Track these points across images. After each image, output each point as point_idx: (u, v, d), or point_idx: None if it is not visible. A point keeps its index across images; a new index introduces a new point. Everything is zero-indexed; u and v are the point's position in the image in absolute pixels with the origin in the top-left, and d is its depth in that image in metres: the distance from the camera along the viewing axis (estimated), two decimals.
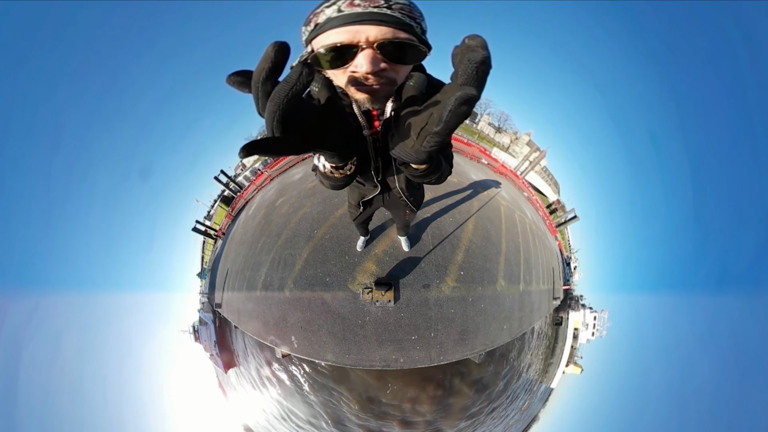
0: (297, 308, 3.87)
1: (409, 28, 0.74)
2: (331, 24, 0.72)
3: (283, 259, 4.25)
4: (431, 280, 3.81)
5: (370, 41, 0.71)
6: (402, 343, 3.63)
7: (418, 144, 0.69)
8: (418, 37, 0.76)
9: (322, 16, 0.73)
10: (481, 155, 9.02)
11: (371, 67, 0.73)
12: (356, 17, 0.70)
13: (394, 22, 0.72)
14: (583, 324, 11.81)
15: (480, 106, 22.79)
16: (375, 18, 0.71)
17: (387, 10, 0.72)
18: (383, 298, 3.62)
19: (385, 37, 0.72)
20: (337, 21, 0.71)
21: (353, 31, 0.71)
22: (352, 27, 0.71)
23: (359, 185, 1.54)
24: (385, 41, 0.72)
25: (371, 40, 0.71)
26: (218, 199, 15.81)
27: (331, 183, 1.07)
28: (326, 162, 1.02)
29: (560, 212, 15.01)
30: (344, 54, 0.73)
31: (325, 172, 1.06)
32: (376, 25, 0.71)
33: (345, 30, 0.71)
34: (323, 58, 0.73)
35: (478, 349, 3.88)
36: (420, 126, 0.67)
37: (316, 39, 0.76)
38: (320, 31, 0.74)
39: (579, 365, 12.41)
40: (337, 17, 0.71)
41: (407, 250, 3.90)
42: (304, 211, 4.74)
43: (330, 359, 3.68)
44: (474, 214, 4.76)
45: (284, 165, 8.34)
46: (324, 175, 1.08)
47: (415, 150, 0.71)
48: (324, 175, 1.08)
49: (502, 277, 4.33)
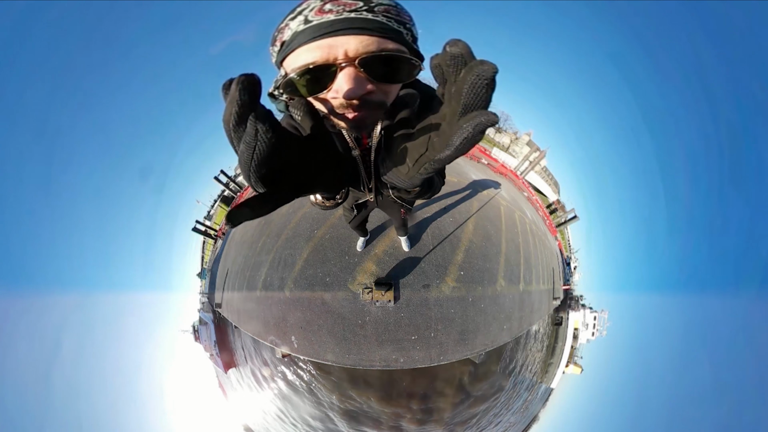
0: (297, 308, 3.87)
1: (398, 35, 0.59)
2: (299, 40, 0.57)
3: (283, 259, 4.26)
4: (431, 280, 3.81)
5: (349, 57, 0.56)
6: (402, 343, 3.63)
7: (414, 171, 0.60)
8: (409, 47, 0.62)
9: (288, 32, 0.59)
10: (481, 155, 9.02)
11: (354, 90, 0.58)
12: (328, 27, 0.55)
13: (378, 29, 0.57)
14: (583, 324, 11.82)
15: None
16: (354, 26, 0.56)
17: (368, 14, 0.57)
18: (383, 298, 3.62)
19: (367, 50, 0.57)
20: (305, 35, 0.57)
21: (327, 46, 0.56)
22: (324, 41, 0.56)
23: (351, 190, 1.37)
24: (368, 55, 0.56)
25: (351, 55, 0.56)
26: (218, 199, 15.81)
27: (321, 209, 1.04)
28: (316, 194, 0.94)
29: (560, 212, 15.01)
30: (321, 76, 0.58)
31: (316, 202, 1.03)
32: (355, 34, 0.56)
33: (316, 45, 0.56)
34: (298, 84, 0.59)
35: (478, 349, 3.88)
36: (418, 152, 0.57)
37: (287, 60, 0.62)
38: (288, 50, 0.60)
39: (579, 365, 12.42)
40: (304, 30, 0.57)
41: (407, 250, 3.89)
42: (304, 211, 4.75)
43: (330, 359, 3.68)
44: (474, 214, 4.76)
45: None
46: (314, 204, 1.05)
47: (410, 177, 0.63)
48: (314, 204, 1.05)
49: (502, 277, 4.33)
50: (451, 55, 0.42)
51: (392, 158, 0.65)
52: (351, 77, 0.57)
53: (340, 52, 0.56)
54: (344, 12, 0.56)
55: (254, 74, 0.40)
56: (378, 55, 0.57)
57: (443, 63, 0.44)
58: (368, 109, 0.63)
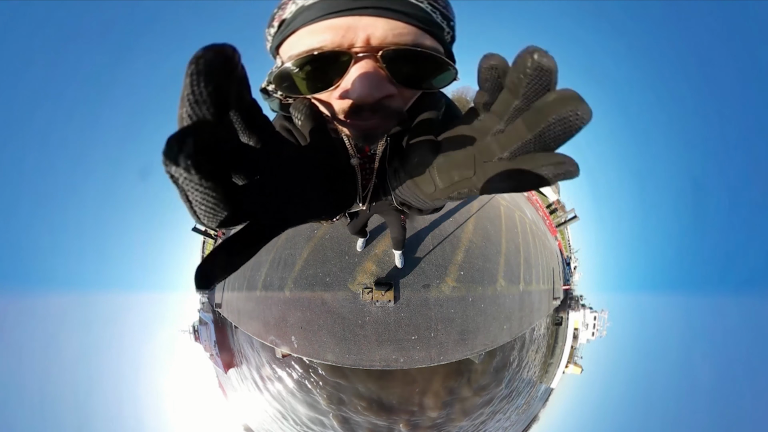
0: (297, 308, 3.87)
1: (439, 31, 0.44)
2: (304, 17, 0.41)
3: (283, 259, 4.26)
4: (431, 280, 3.81)
5: (372, 46, 0.41)
6: (402, 343, 3.63)
7: (444, 193, 0.45)
8: (447, 50, 0.48)
9: (291, 6, 0.43)
10: None
11: (370, 90, 0.41)
12: (349, 3, 0.39)
13: (419, 17, 0.41)
14: (583, 324, 11.82)
15: None
16: (386, 5, 0.39)
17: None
18: (383, 298, 3.62)
19: (398, 42, 0.41)
20: (314, 11, 0.40)
21: (343, 27, 0.40)
22: (340, 20, 0.40)
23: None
24: (398, 48, 0.41)
25: (374, 43, 0.41)
26: None
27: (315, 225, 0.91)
28: None
29: (560, 212, 15.00)
30: (328, 68, 0.42)
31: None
32: (386, 17, 0.39)
33: (327, 25, 0.40)
34: (297, 77, 0.44)
35: (478, 349, 3.88)
36: (459, 174, 0.42)
37: (284, 44, 0.46)
38: (288, 30, 0.44)
39: (579, 365, 12.42)
40: (314, 4, 0.40)
41: (400, 267, 3.76)
42: None
43: (330, 359, 3.68)
44: (474, 214, 4.76)
45: None
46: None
47: (435, 198, 0.47)
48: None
49: (502, 277, 4.34)
50: (538, 67, 0.29)
51: (411, 172, 0.49)
52: (368, 73, 0.41)
53: (361, 37, 0.40)
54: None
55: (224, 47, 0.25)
56: (411, 50, 0.41)
57: (517, 72, 0.30)
58: (382, 118, 0.46)
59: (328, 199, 0.43)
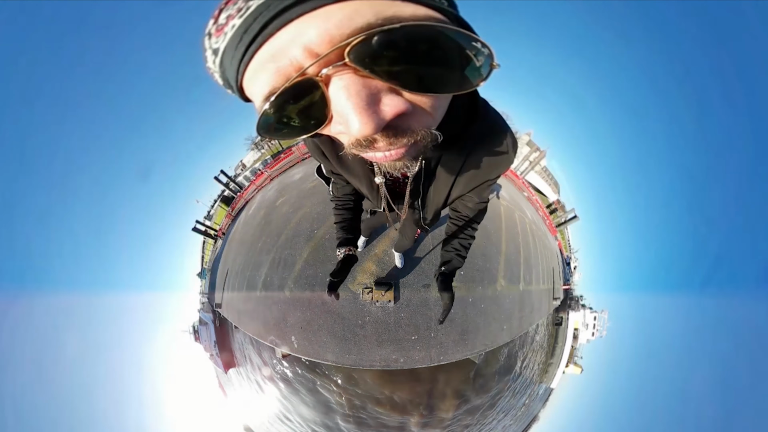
0: (297, 308, 3.87)
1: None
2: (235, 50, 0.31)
3: (283, 259, 4.26)
4: (431, 280, 3.81)
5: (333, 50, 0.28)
6: (402, 343, 3.63)
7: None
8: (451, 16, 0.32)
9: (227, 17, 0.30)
10: None
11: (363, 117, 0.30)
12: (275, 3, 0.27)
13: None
14: (583, 324, 11.82)
15: None
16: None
17: None
18: (383, 298, 3.62)
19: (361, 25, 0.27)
20: (238, 38, 0.30)
21: (283, 46, 0.29)
22: (276, 39, 0.29)
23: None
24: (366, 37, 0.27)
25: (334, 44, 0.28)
26: (218, 199, 15.82)
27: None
28: None
29: (560, 212, 15.00)
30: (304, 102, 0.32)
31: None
32: (326, 4, 0.27)
33: (268, 52, 0.30)
34: (280, 124, 0.35)
35: (478, 349, 3.88)
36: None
37: (245, 82, 0.34)
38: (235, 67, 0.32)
39: (579, 365, 12.42)
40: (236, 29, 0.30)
41: (400, 267, 3.78)
42: (304, 211, 4.75)
43: (330, 359, 3.68)
44: None
45: (284, 165, 8.34)
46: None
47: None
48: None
49: (502, 277, 4.34)
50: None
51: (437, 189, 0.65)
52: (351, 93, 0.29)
53: (312, 46, 0.28)
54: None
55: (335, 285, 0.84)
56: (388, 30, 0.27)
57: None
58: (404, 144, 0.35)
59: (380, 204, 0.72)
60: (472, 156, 0.68)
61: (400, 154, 0.36)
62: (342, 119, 0.31)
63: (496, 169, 0.73)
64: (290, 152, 8.72)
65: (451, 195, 0.81)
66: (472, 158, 0.69)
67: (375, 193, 0.83)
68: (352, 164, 0.75)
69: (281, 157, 9.03)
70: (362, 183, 0.80)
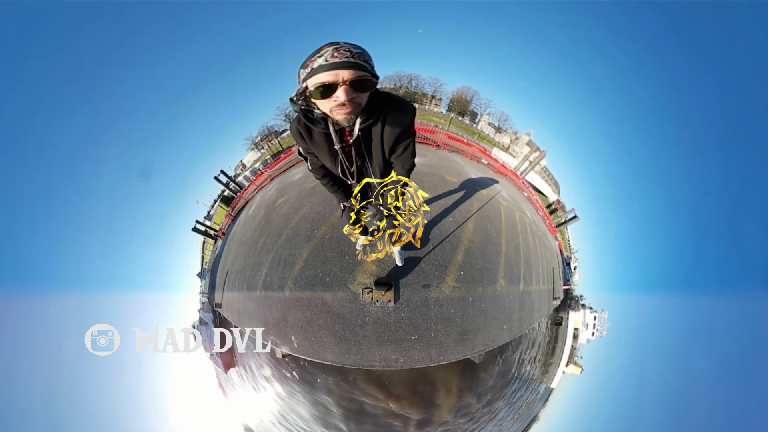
0: (297, 308, 3.87)
1: (365, 68, 1.17)
2: (321, 69, 1.13)
3: (283, 259, 4.25)
4: (431, 280, 3.81)
5: (345, 80, 1.14)
6: (402, 343, 3.63)
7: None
8: (371, 73, 1.20)
9: (318, 61, 1.13)
10: (481, 155, 9.01)
11: (347, 96, 1.17)
12: (338, 65, 1.12)
13: (356, 66, 1.14)
14: (583, 324, 11.81)
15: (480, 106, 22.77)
16: (347, 65, 1.12)
17: (352, 59, 1.13)
18: (383, 298, 3.62)
19: (352, 77, 1.14)
20: (324, 67, 1.13)
21: (334, 74, 1.13)
22: (334, 71, 1.12)
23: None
24: (353, 79, 1.15)
25: (346, 78, 1.14)
26: (218, 199, 15.81)
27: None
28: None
29: (560, 212, 15.00)
30: (329, 89, 1.16)
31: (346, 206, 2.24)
32: (348, 69, 1.13)
33: (329, 73, 1.13)
34: (315, 92, 1.17)
35: (478, 349, 3.88)
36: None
37: (311, 79, 1.16)
38: (313, 74, 1.15)
39: (579, 365, 12.41)
40: (324, 65, 1.12)
41: (400, 264, 3.79)
42: (304, 211, 4.75)
43: (330, 359, 3.68)
44: (474, 214, 4.76)
45: (284, 165, 8.34)
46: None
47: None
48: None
49: (502, 277, 4.33)
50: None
51: (383, 174, 1.72)
52: (345, 90, 1.17)
53: (341, 77, 1.15)
54: (343, 58, 1.12)
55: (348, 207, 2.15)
56: (358, 79, 1.16)
57: None
58: (353, 107, 1.23)
59: (337, 166, 1.66)
60: (386, 116, 1.45)
61: (351, 110, 1.25)
62: (338, 96, 1.19)
63: (402, 117, 1.47)
64: (290, 152, 8.72)
65: (384, 147, 1.57)
66: (387, 117, 1.45)
67: (334, 159, 1.62)
68: (318, 140, 1.53)
69: (281, 157, 9.03)
70: (324, 152, 1.58)
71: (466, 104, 22.78)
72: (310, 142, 1.55)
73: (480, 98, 22.82)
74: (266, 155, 16.57)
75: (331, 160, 1.63)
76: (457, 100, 22.82)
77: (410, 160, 1.68)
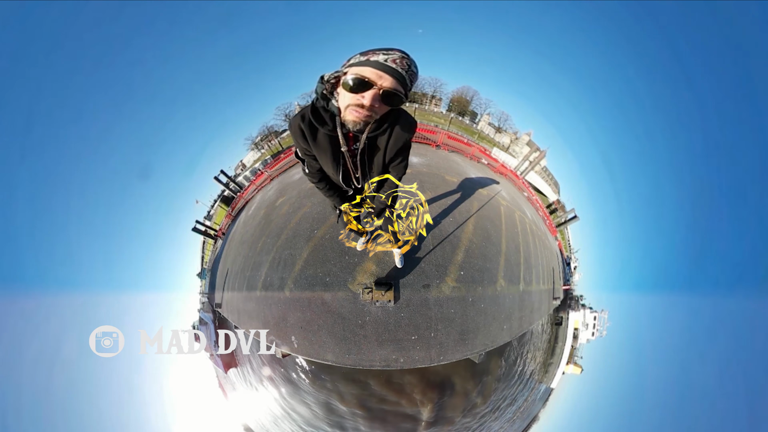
0: (297, 308, 3.87)
1: (405, 88, 1.16)
2: (372, 64, 1.10)
3: (283, 259, 4.25)
4: (431, 280, 3.81)
5: (383, 86, 1.11)
6: (402, 343, 3.63)
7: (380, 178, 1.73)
8: (405, 94, 1.18)
9: (374, 57, 1.10)
10: (481, 155, 9.01)
11: (371, 102, 1.14)
12: (389, 70, 1.09)
13: (401, 82, 1.12)
14: (583, 324, 11.80)
15: (480, 106, 22.77)
16: (395, 75, 1.10)
17: (404, 73, 1.11)
18: (383, 298, 3.62)
19: (390, 87, 1.12)
20: (377, 65, 1.10)
21: (379, 75, 1.10)
22: (381, 72, 1.09)
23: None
24: (389, 89, 1.12)
25: (385, 85, 1.11)
26: (218, 199, 15.80)
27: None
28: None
29: (560, 212, 15.00)
30: (363, 86, 1.12)
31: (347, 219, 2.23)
32: (393, 78, 1.10)
33: (376, 72, 1.10)
34: (350, 81, 1.12)
35: (478, 349, 3.88)
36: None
37: (357, 68, 1.12)
38: (363, 65, 1.11)
39: (579, 365, 12.40)
40: (379, 63, 1.09)
41: (400, 266, 3.79)
42: (304, 211, 4.74)
43: (330, 359, 3.67)
44: (474, 214, 4.76)
45: (284, 165, 8.34)
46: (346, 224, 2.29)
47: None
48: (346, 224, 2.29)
49: (502, 277, 4.33)
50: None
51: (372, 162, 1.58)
52: (374, 95, 1.14)
53: (381, 81, 1.11)
54: (398, 67, 1.10)
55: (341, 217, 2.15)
56: (392, 90, 1.13)
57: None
58: (368, 114, 1.21)
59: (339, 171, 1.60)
60: (394, 129, 1.43)
61: (365, 115, 1.22)
62: (362, 98, 1.16)
63: (408, 133, 1.46)
64: (290, 152, 8.71)
65: (387, 157, 1.55)
66: (394, 130, 1.43)
67: (336, 164, 1.55)
68: (321, 142, 1.45)
69: (281, 157, 9.03)
70: (326, 155, 1.50)
71: (466, 104, 22.78)
72: (312, 144, 1.46)
73: (480, 98, 22.84)
74: (266, 155, 16.56)
75: (332, 165, 1.55)
76: (457, 100, 22.83)
77: (404, 170, 1.73)
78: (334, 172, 1.62)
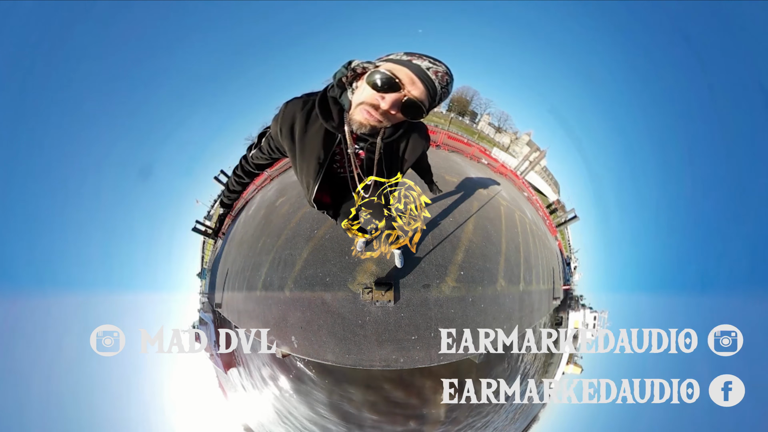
0: (297, 308, 3.87)
1: (431, 103, 1.00)
2: (411, 67, 0.94)
3: (283, 259, 4.26)
4: (431, 280, 3.81)
5: (411, 93, 0.96)
6: (402, 343, 3.63)
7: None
8: (427, 110, 1.02)
9: (417, 60, 0.94)
10: (481, 155, 9.01)
11: (389, 107, 0.99)
12: (425, 78, 0.94)
13: (431, 96, 0.98)
14: (583, 324, 11.80)
15: (480, 106, 22.78)
16: (428, 87, 0.96)
17: (439, 88, 0.97)
18: (383, 298, 3.62)
19: (417, 97, 0.96)
20: (416, 69, 0.94)
21: (412, 81, 0.94)
22: (415, 79, 0.94)
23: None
24: (415, 99, 0.97)
25: (413, 93, 0.96)
26: (218, 199, 15.79)
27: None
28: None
29: (560, 212, 15.00)
30: (389, 86, 0.95)
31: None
32: (425, 90, 0.96)
33: (411, 77, 0.94)
34: (377, 76, 0.95)
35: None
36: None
37: (392, 64, 0.96)
38: (402, 64, 0.95)
39: (579, 365, 12.40)
40: (420, 69, 0.94)
41: (400, 267, 3.78)
42: (304, 211, 4.75)
43: (330, 359, 3.68)
44: (474, 214, 4.76)
45: (284, 165, 8.33)
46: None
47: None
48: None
49: (502, 277, 4.33)
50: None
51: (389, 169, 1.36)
52: (395, 101, 0.98)
53: (411, 88, 0.95)
54: (436, 80, 0.96)
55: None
56: (417, 101, 0.98)
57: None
58: (379, 119, 1.04)
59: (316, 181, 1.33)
60: (410, 136, 1.30)
61: (374, 119, 1.03)
62: (381, 99, 0.98)
63: (425, 140, 1.35)
64: None
65: (403, 165, 1.38)
66: (412, 136, 1.30)
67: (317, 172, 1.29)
68: (311, 141, 1.21)
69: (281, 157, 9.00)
70: (311, 158, 1.25)
71: (466, 104, 22.79)
72: (299, 134, 1.20)
73: (480, 98, 22.85)
74: None
75: (313, 171, 1.28)
76: (457, 100, 22.83)
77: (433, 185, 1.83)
78: (311, 179, 1.31)
